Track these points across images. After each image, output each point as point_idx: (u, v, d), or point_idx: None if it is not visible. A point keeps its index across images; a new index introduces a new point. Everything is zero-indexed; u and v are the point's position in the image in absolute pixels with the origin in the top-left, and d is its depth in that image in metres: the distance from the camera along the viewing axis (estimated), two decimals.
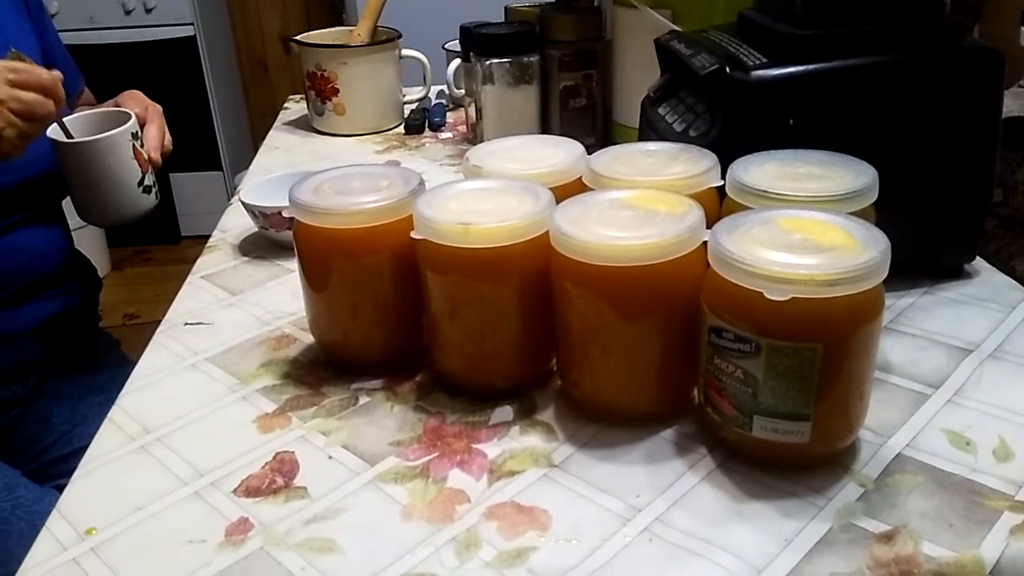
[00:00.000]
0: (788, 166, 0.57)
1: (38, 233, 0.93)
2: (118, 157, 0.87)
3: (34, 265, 0.92)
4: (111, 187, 0.87)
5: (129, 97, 0.95)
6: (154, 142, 0.91)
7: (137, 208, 0.90)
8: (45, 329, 0.93)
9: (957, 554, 0.44)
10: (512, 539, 0.46)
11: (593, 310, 0.51)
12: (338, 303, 0.60)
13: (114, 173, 0.87)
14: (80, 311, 0.99)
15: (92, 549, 0.47)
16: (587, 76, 0.98)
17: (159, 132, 0.92)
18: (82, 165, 0.87)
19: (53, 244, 0.96)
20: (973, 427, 0.53)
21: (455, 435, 0.55)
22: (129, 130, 0.87)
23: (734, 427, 0.49)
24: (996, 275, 0.71)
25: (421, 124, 1.17)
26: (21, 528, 0.77)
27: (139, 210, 0.90)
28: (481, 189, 0.59)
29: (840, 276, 0.44)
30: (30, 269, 0.92)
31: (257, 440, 0.56)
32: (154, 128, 0.92)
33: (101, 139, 0.85)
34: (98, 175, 0.87)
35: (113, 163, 0.86)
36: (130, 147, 0.87)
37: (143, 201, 0.90)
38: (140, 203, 0.90)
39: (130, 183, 0.88)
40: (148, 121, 0.92)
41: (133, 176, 0.88)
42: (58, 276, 0.95)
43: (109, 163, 0.86)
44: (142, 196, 0.90)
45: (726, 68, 0.63)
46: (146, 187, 0.90)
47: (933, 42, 0.64)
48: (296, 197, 0.58)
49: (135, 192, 0.89)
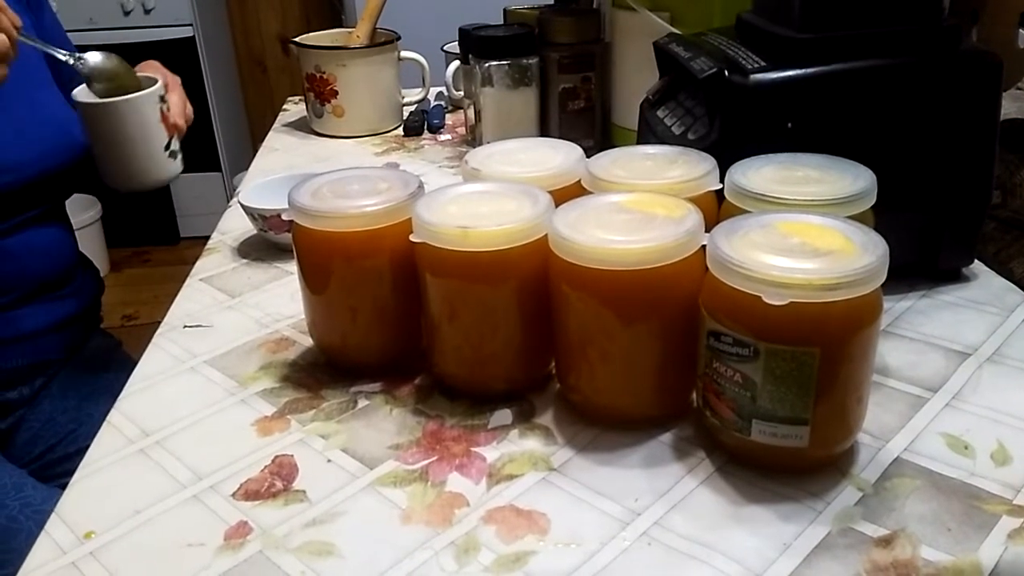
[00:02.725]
0: (786, 170, 0.57)
1: (44, 234, 0.93)
2: (146, 119, 0.86)
3: (41, 266, 0.92)
4: (138, 150, 0.86)
5: (148, 66, 0.94)
6: (177, 108, 0.90)
7: (163, 173, 0.89)
8: (52, 330, 0.93)
9: (955, 558, 0.44)
10: (511, 543, 0.46)
11: (592, 314, 0.51)
12: (337, 306, 0.60)
13: (141, 135, 0.86)
14: (86, 312, 0.99)
15: (91, 553, 0.47)
16: (586, 78, 0.98)
17: (181, 100, 0.92)
18: (109, 126, 0.85)
19: (59, 245, 0.95)
20: (971, 431, 0.53)
21: (454, 438, 0.55)
22: (156, 93, 0.86)
23: (733, 431, 0.49)
24: (994, 278, 0.71)
25: (420, 126, 1.17)
26: (30, 527, 0.77)
27: (165, 175, 0.90)
28: (480, 192, 0.59)
29: (839, 280, 0.44)
30: (37, 270, 0.91)
31: (256, 443, 0.56)
32: (176, 96, 0.91)
33: (130, 100, 0.84)
34: (125, 137, 0.85)
35: (141, 125, 0.85)
36: (157, 110, 0.86)
37: (169, 166, 0.90)
38: (166, 168, 0.89)
39: (157, 146, 0.87)
40: (169, 90, 0.91)
41: (160, 140, 0.87)
42: (64, 277, 0.95)
43: (137, 125, 0.85)
44: (168, 161, 0.89)
45: (725, 71, 0.63)
46: (172, 152, 0.89)
47: (931, 46, 0.64)
48: (295, 200, 0.58)
49: (162, 156, 0.88)
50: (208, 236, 0.88)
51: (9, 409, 0.91)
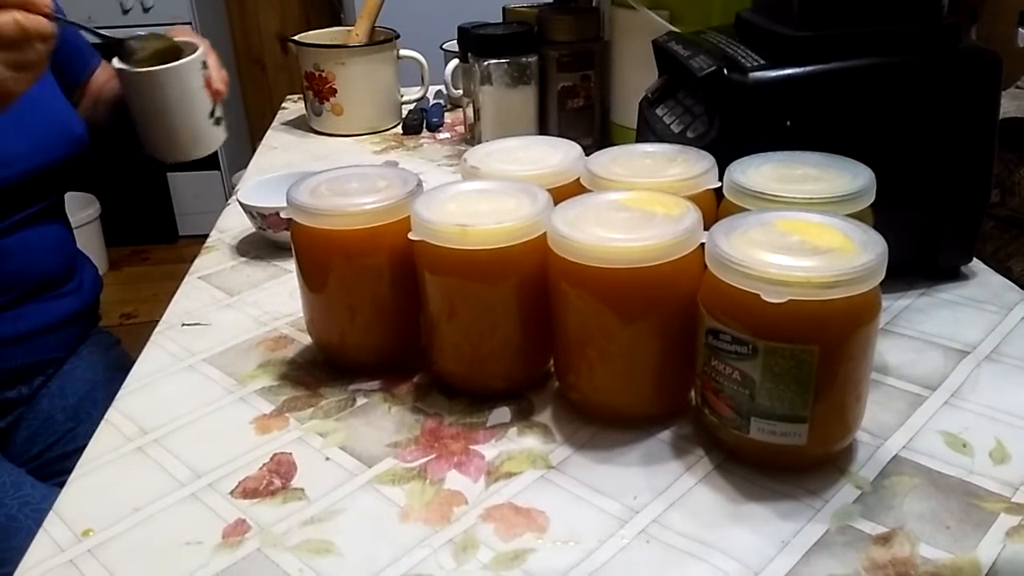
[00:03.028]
0: (785, 168, 0.57)
1: (44, 232, 0.92)
2: (191, 86, 0.83)
3: (40, 265, 0.91)
4: (184, 118, 0.84)
5: (179, 31, 0.92)
6: (218, 73, 0.88)
7: (210, 141, 0.88)
8: (51, 329, 0.93)
9: (954, 556, 0.44)
10: (510, 541, 0.46)
11: (591, 312, 0.51)
12: (336, 304, 0.60)
13: (187, 103, 0.84)
14: (85, 310, 0.99)
15: (89, 551, 0.47)
16: (585, 77, 0.98)
17: (217, 65, 0.89)
18: (154, 95, 0.83)
19: (58, 243, 0.95)
20: (970, 429, 0.53)
21: (453, 436, 0.55)
22: (200, 59, 0.83)
23: (731, 429, 0.49)
24: (993, 276, 0.71)
25: (419, 124, 1.17)
26: (29, 526, 0.77)
27: (212, 143, 0.88)
28: (479, 190, 0.59)
29: (837, 278, 0.44)
30: (37, 269, 0.91)
31: (254, 441, 0.56)
32: (212, 61, 0.89)
33: (175, 67, 0.82)
34: (171, 105, 0.83)
35: (186, 92, 0.83)
36: (201, 76, 0.84)
37: (215, 133, 0.88)
38: (212, 135, 0.88)
39: (202, 113, 0.86)
40: None
41: (205, 107, 0.86)
42: (63, 275, 0.95)
43: (182, 92, 0.83)
44: (214, 128, 0.88)
45: (724, 69, 0.63)
46: (216, 119, 0.88)
47: (931, 44, 0.64)
48: (294, 198, 0.58)
49: (207, 123, 0.87)
50: (207, 234, 0.88)
51: (8, 408, 0.91)
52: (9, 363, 0.89)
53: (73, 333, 0.97)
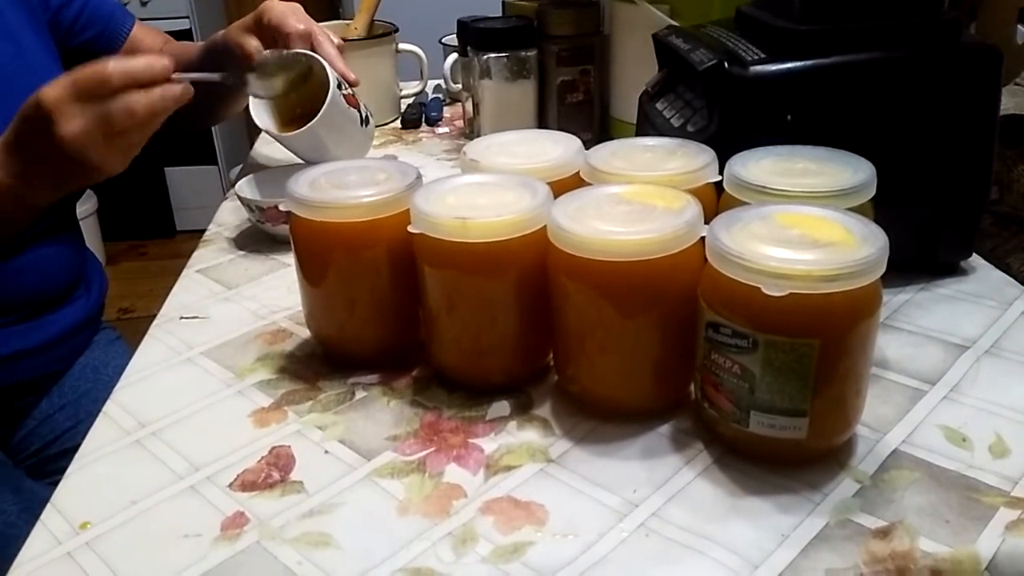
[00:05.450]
0: (786, 162, 0.57)
1: (55, 245, 0.88)
2: (339, 120, 0.82)
3: (52, 279, 0.88)
4: (342, 146, 0.85)
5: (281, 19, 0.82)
6: (341, 64, 0.82)
7: (366, 146, 0.90)
8: (62, 340, 0.90)
9: (953, 550, 0.44)
10: (509, 534, 0.46)
11: (590, 305, 0.51)
12: (335, 297, 0.60)
13: (341, 133, 0.84)
14: (94, 315, 0.97)
15: (87, 543, 0.47)
16: (585, 71, 0.98)
17: (334, 48, 0.82)
18: (311, 144, 0.83)
19: (70, 255, 0.91)
20: (969, 423, 0.53)
21: (452, 430, 0.55)
22: (334, 83, 0.80)
23: (731, 423, 0.49)
24: (992, 271, 0.71)
25: (418, 118, 1.17)
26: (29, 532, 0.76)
27: (368, 145, 0.90)
28: (478, 183, 0.58)
29: (838, 272, 0.44)
30: (48, 284, 0.87)
31: (253, 434, 0.55)
32: (328, 46, 0.82)
33: (321, 118, 0.79)
34: (329, 144, 0.83)
35: (338, 126, 0.83)
36: (342, 98, 0.82)
37: (368, 137, 0.90)
38: (366, 141, 0.90)
39: (356, 130, 0.86)
40: (316, 44, 0.81)
41: (355, 122, 0.86)
42: (74, 284, 0.92)
43: (334, 129, 0.83)
44: (366, 133, 0.89)
45: (724, 63, 0.63)
46: (364, 120, 0.88)
47: (931, 38, 0.64)
48: (293, 191, 0.58)
49: (362, 135, 0.88)
50: (204, 230, 0.88)
51: (16, 417, 0.90)
52: (20, 376, 0.87)
53: (83, 339, 0.94)
